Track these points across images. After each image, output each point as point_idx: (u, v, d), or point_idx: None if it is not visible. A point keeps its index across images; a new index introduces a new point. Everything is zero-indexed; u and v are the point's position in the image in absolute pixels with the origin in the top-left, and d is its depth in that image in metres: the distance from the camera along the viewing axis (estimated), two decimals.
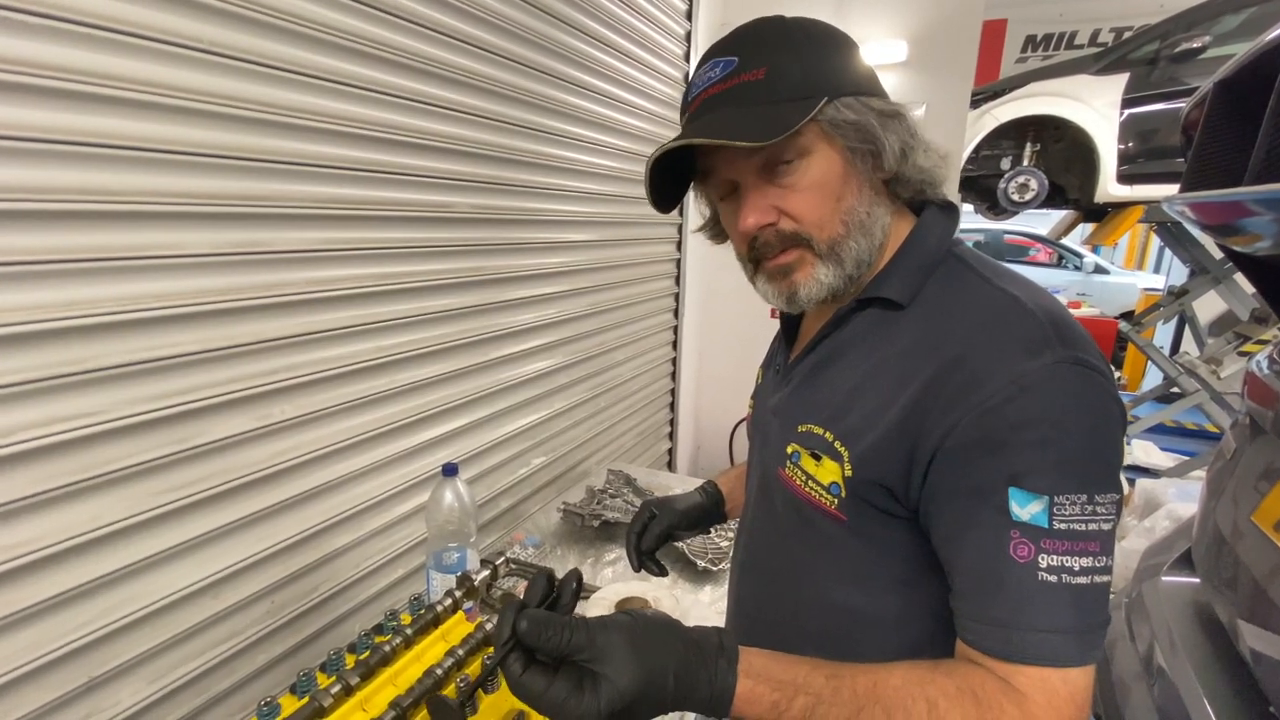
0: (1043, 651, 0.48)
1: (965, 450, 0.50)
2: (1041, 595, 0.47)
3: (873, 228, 0.60)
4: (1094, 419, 0.49)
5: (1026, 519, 0.48)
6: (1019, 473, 0.48)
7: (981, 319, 0.54)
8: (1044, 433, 0.48)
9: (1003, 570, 0.49)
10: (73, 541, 0.78)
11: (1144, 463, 4.07)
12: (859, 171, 0.58)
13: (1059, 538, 0.47)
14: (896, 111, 0.58)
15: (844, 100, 0.56)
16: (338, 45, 1.02)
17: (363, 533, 1.20)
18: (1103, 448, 0.49)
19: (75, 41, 0.72)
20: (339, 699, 0.73)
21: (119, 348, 0.80)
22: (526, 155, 1.51)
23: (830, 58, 0.57)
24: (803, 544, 0.65)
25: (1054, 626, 0.47)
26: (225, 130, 0.88)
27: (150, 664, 0.88)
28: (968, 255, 0.60)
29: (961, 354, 0.52)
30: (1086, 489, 0.48)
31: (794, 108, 0.54)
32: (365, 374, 1.16)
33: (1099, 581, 0.48)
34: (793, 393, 0.67)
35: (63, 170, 0.73)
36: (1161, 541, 1.36)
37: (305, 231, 1.01)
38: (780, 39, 0.57)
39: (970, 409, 0.50)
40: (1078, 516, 0.47)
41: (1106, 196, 3.64)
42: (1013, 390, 0.49)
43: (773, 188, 0.58)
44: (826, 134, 0.56)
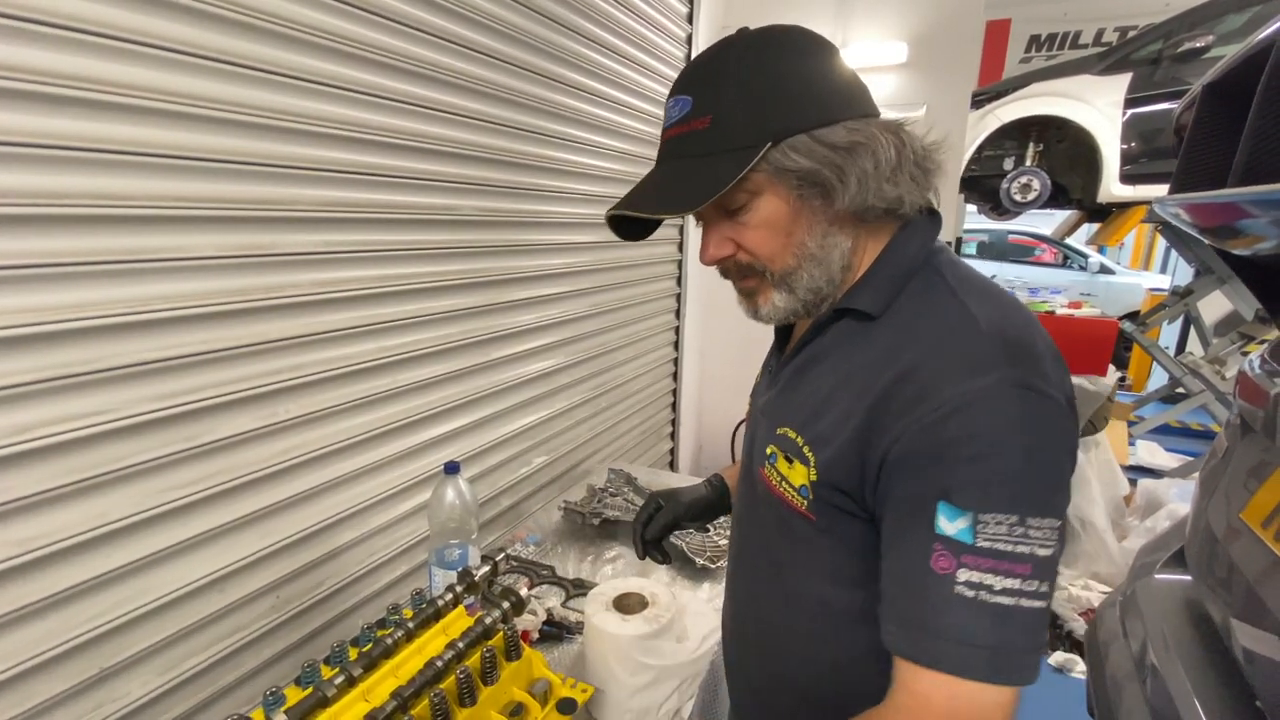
0: (949, 661, 0.49)
1: (906, 461, 0.52)
2: (956, 608, 0.48)
3: (827, 258, 0.61)
4: (1033, 442, 0.49)
5: (951, 533, 0.49)
6: (949, 487, 0.49)
7: (938, 334, 0.55)
8: (977, 450, 0.49)
9: (922, 579, 0.50)
10: (83, 537, 0.80)
11: (1148, 463, 4.06)
12: (811, 209, 0.59)
13: (981, 555, 0.48)
14: (854, 142, 0.56)
15: (793, 142, 0.56)
16: (343, 52, 1.04)
17: (366, 530, 1.22)
18: (1041, 472, 0.49)
19: (87, 50, 0.74)
20: (342, 689, 0.75)
21: (128, 348, 0.82)
22: (529, 158, 1.53)
23: (781, 94, 0.56)
24: (780, 539, 0.68)
25: (964, 639, 0.48)
26: (232, 136, 0.90)
27: (159, 656, 0.90)
28: (944, 265, 0.61)
29: (913, 367, 0.54)
30: (1017, 510, 0.48)
31: (731, 162, 0.56)
32: (369, 374, 1.18)
33: (1025, 605, 0.47)
34: (777, 395, 0.69)
35: (74, 175, 0.75)
36: (1156, 540, 1.37)
37: (310, 234, 1.04)
38: (730, 78, 0.57)
39: (914, 421, 0.52)
40: (1004, 536, 0.47)
41: (1109, 196, 3.64)
42: (953, 407, 0.50)
43: (730, 223, 0.62)
44: (773, 179, 0.58)
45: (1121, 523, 2.77)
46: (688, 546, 1.41)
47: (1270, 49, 0.84)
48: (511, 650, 0.88)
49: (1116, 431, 3.44)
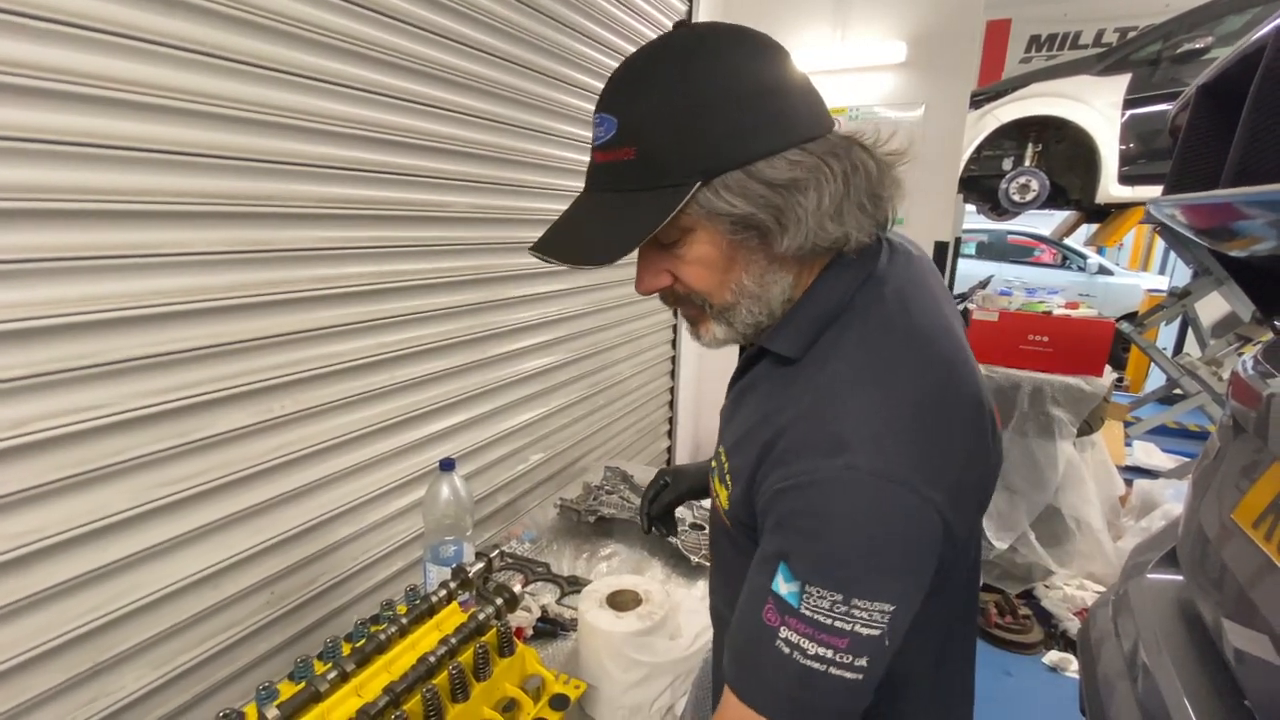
0: (754, 697, 0.52)
1: (765, 516, 0.54)
2: (773, 658, 0.50)
3: (766, 295, 0.58)
4: (873, 531, 0.49)
5: (783, 594, 0.50)
6: (788, 553, 0.51)
7: (815, 398, 0.54)
8: (813, 528, 0.50)
9: (754, 624, 0.52)
10: (78, 531, 0.80)
11: (1145, 464, 4.07)
12: (748, 248, 0.56)
13: (804, 622, 0.49)
14: (794, 180, 0.51)
15: (725, 180, 0.51)
16: (339, 48, 1.04)
17: (362, 526, 1.22)
18: (874, 560, 0.49)
19: (86, 47, 0.75)
20: (335, 685, 0.75)
21: (125, 343, 0.83)
22: (525, 156, 1.53)
23: (713, 121, 0.50)
24: (727, 547, 0.69)
25: (772, 685, 0.51)
26: (230, 132, 0.90)
27: (154, 650, 0.91)
28: (868, 307, 0.57)
29: (786, 428, 0.54)
30: (842, 591, 0.48)
31: (656, 203, 0.52)
32: (365, 370, 1.19)
33: (835, 674, 0.48)
34: (727, 409, 0.70)
35: (69, 170, 0.75)
36: (1149, 540, 1.37)
37: (307, 230, 1.04)
38: (656, 99, 0.51)
39: (772, 483, 0.53)
40: (825, 611, 0.48)
41: (1108, 197, 3.64)
42: (799, 481, 0.51)
43: (666, 255, 0.58)
44: (706, 219, 0.54)
45: (1117, 523, 2.78)
46: (682, 544, 1.42)
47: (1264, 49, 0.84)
48: (505, 646, 0.88)
49: (1113, 432, 3.45)
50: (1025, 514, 2.58)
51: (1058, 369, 2.57)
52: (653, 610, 0.98)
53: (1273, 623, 0.80)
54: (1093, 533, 2.54)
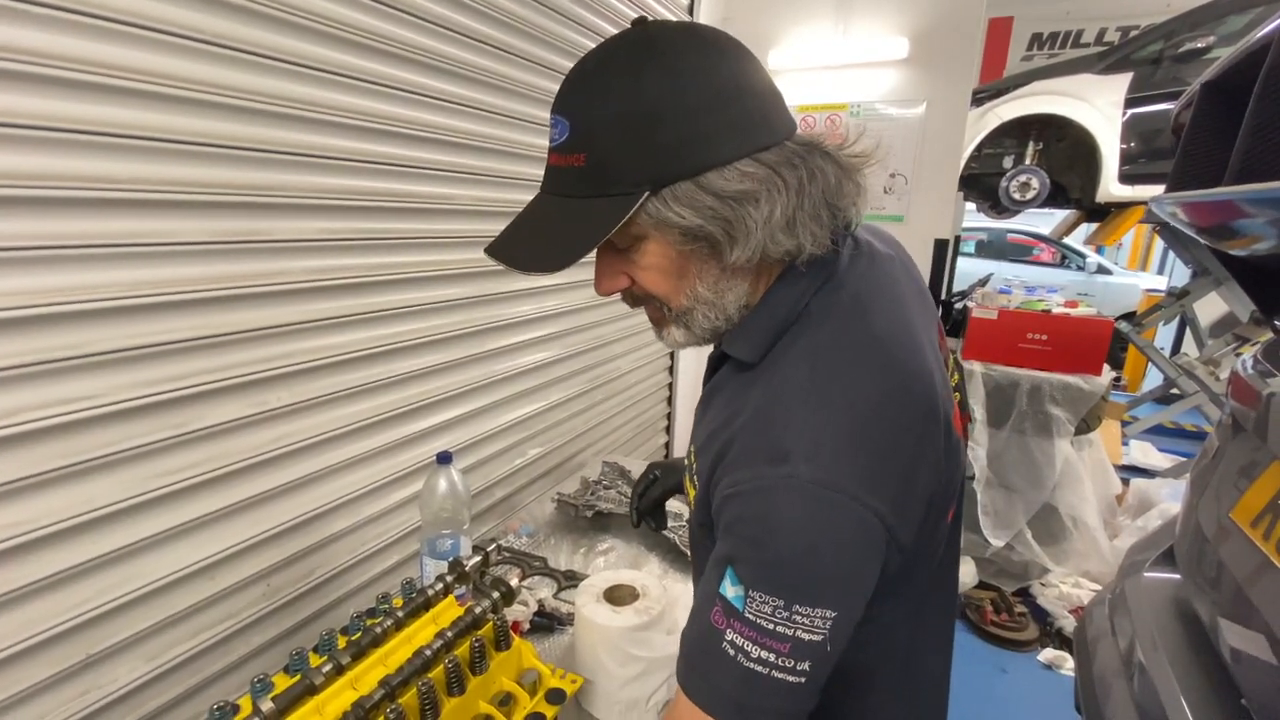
0: (700, 696, 0.53)
1: (717, 519, 0.55)
2: (719, 659, 0.51)
3: (720, 302, 0.58)
4: (814, 539, 0.49)
5: (729, 598, 0.51)
6: (735, 558, 0.51)
7: (765, 405, 0.54)
8: (754, 535, 0.51)
9: (703, 625, 0.53)
10: (69, 522, 0.79)
11: (1142, 463, 4.08)
12: (700, 257, 0.56)
13: (748, 625, 0.50)
14: (745, 191, 0.51)
15: (675, 190, 0.51)
16: (336, 37, 1.03)
17: (358, 519, 1.22)
18: (814, 568, 0.49)
19: (75, 31, 0.73)
20: (330, 678, 0.75)
21: (116, 333, 0.82)
22: (526, 149, 1.52)
23: (664, 129, 0.50)
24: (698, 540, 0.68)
25: (717, 685, 0.52)
26: (223, 120, 0.89)
27: (147, 643, 0.90)
28: (821, 313, 0.57)
29: (736, 434, 0.55)
30: (784, 596, 0.49)
31: (605, 211, 0.52)
32: (362, 362, 1.18)
33: (778, 678, 0.49)
34: (699, 408, 0.70)
35: (62, 157, 0.74)
36: (1146, 539, 1.37)
37: (303, 221, 1.03)
38: (609, 103, 0.51)
39: (724, 488, 0.54)
40: (768, 616, 0.49)
41: (1108, 196, 3.64)
42: (747, 488, 0.51)
43: (622, 258, 0.59)
44: (656, 227, 0.54)
45: (1113, 521, 2.79)
46: (680, 539, 1.41)
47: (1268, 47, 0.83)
48: (501, 640, 0.88)
49: (1110, 431, 3.45)
50: (1022, 512, 2.59)
51: (1056, 367, 2.57)
52: (650, 605, 0.98)
53: (1270, 622, 0.80)
54: (1089, 531, 2.54)
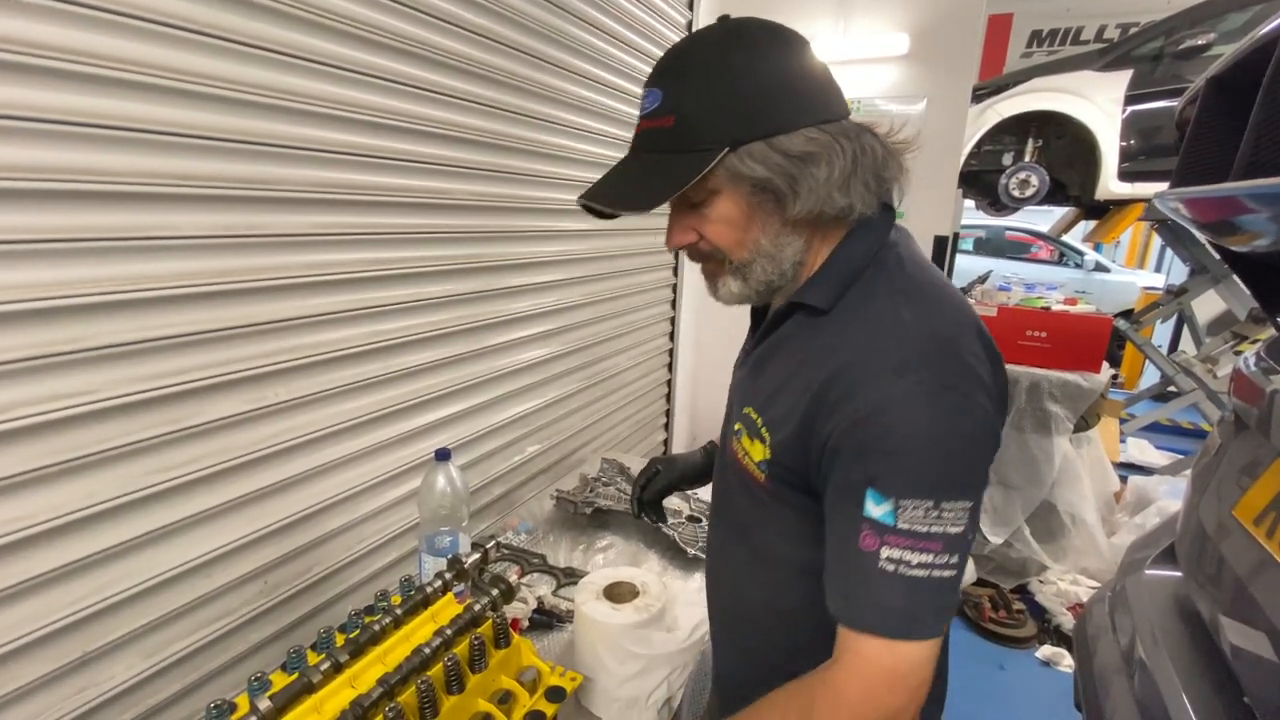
0: (870, 621, 0.56)
1: (840, 452, 0.58)
2: (878, 579, 0.55)
3: (779, 255, 0.65)
4: (945, 438, 0.55)
5: (876, 517, 0.55)
6: (875, 476, 0.55)
7: (868, 335, 0.60)
8: (895, 446, 0.55)
9: (851, 555, 0.57)
10: (67, 518, 0.79)
11: (1139, 460, 4.09)
12: (765, 211, 0.63)
13: (902, 535, 0.54)
14: (809, 152, 0.59)
15: (750, 149, 0.59)
16: (334, 29, 1.02)
17: (356, 515, 1.21)
18: (954, 463, 0.55)
19: (72, 22, 0.72)
20: (328, 675, 0.74)
21: (113, 327, 0.81)
22: (525, 143, 1.51)
23: (743, 99, 0.59)
24: (747, 504, 0.73)
25: (884, 604, 0.55)
26: (220, 113, 0.88)
27: (144, 640, 0.90)
28: (890, 263, 0.64)
29: (844, 367, 0.59)
30: (933, 496, 0.54)
31: (689, 164, 0.59)
32: (361, 358, 1.17)
33: (937, 576, 0.55)
34: (747, 376, 0.75)
35: (58, 150, 0.73)
36: (1147, 536, 1.37)
37: (301, 215, 1.02)
38: (697, 77, 0.60)
39: (844, 418, 0.57)
40: (920, 520, 0.54)
41: (1107, 194, 3.63)
42: (873, 408, 0.56)
43: (694, 214, 0.65)
44: (731, 181, 0.61)
45: (1111, 519, 2.79)
46: (679, 536, 1.41)
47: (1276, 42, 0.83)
48: (500, 638, 0.87)
49: (1108, 428, 3.46)
50: (1020, 509, 2.59)
51: (1055, 365, 2.57)
52: (649, 602, 0.98)
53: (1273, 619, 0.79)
54: (1087, 528, 2.55)
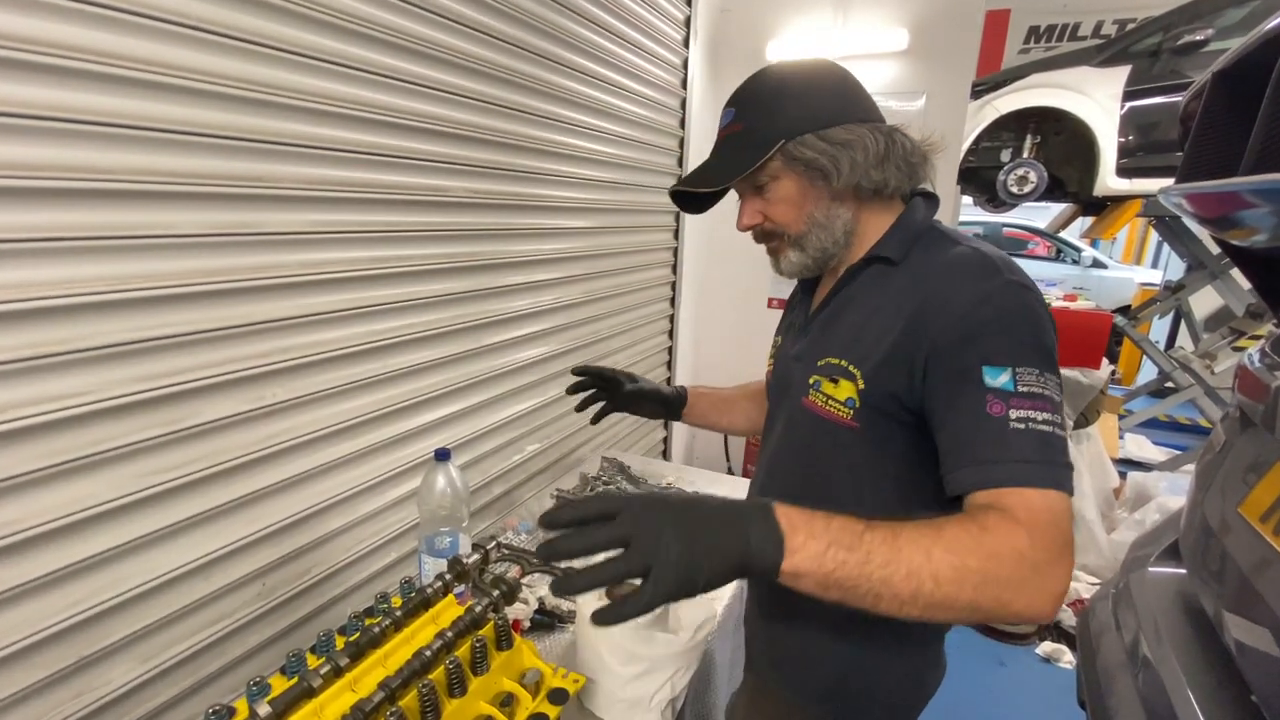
0: (1017, 476, 0.61)
1: (950, 346, 0.68)
2: (1014, 437, 0.62)
3: (830, 225, 0.80)
4: (1035, 319, 0.67)
5: (998, 385, 0.64)
6: (988, 354, 0.65)
7: (951, 264, 0.73)
8: (1003, 326, 0.66)
9: (983, 423, 0.64)
10: (62, 521, 0.78)
11: (1137, 456, 4.10)
12: (818, 188, 0.78)
13: (1023, 397, 0.63)
14: (848, 140, 0.75)
15: (802, 139, 0.75)
16: (332, 25, 1.00)
17: (355, 516, 1.20)
18: (1044, 339, 0.67)
19: (70, 18, 0.71)
20: (328, 679, 0.73)
21: (108, 327, 0.80)
22: (522, 140, 1.50)
23: (798, 107, 0.77)
24: (825, 453, 0.81)
25: (1025, 457, 0.61)
26: (217, 109, 0.87)
27: (141, 644, 0.88)
28: (943, 228, 0.81)
29: (934, 290, 0.71)
30: (1038, 365, 0.65)
31: (754, 154, 0.77)
32: (359, 358, 1.16)
33: (1057, 433, 0.63)
34: (813, 339, 0.85)
35: (54, 147, 0.72)
36: (1149, 533, 1.37)
37: (298, 214, 1.01)
38: (766, 95, 0.79)
39: (950, 317, 0.68)
40: (1035, 383, 0.64)
41: (1105, 190, 3.63)
42: (979, 299, 0.67)
43: (760, 199, 0.82)
44: (787, 166, 0.78)
45: (1111, 515, 2.79)
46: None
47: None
48: (502, 640, 0.87)
49: (1108, 424, 3.46)
50: None
51: None
52: None
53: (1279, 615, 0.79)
54: (1087, 525, 2.55)
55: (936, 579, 0.55)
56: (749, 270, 2.73)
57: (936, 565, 0.55)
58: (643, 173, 2.16)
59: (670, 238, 2.48)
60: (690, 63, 2.34)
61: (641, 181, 2.16)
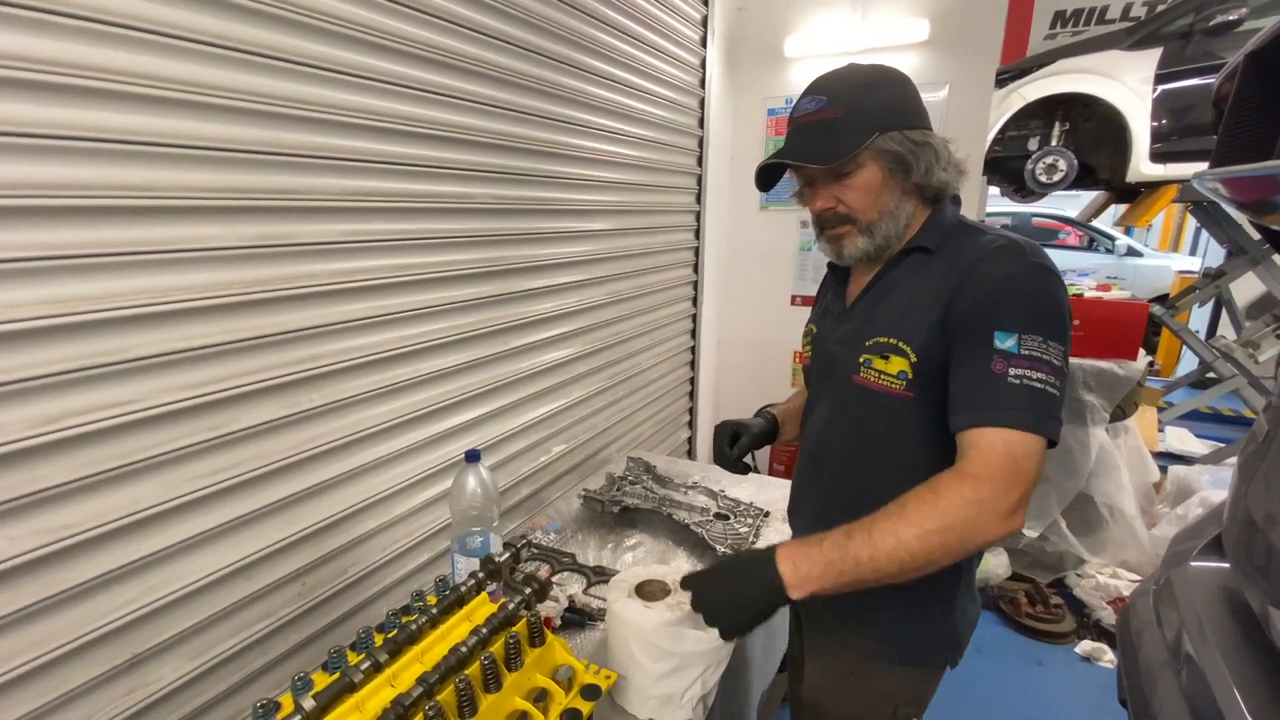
0: (1001, 418, 0.76)
1: (974, 314, 0.80)
2: (1010, 390, 0.76)
3: (899, 215, 0.89)
4: (1051, 297, 0.79)
5: (1005, 347, 0.77)
6: (1001, 321, 0.78)
7: (983, 249, 0.84)
8: (1019, 300, 0.78)
9: (984, 377, 0.78)
10: (113, 525, 0.81)
11: (1178, 450, 3.97)
12: (895, 180, 0.87)
13: (1023, 359, 0.76)
14: (926, 141, 0.86)
15: (890, 134, 0.84)
16: (360, 40, 1.03)
17: (390, 517, 1.23)
18: (1056, 314, 0.79)
19: (112, 42, 0.75)
20: (369, 675, 0.75)
21: (153, 338, 0.83)
22: (543, 145, 1.52)
23: (887, 104, 0.86)
24: (879, 425, 0.91)
25: (1010, 405, 0.76)
26: (251, 125, 0.90)
27: (189, 642, 0.92)
28: (971, 221, 0.92)
29: (970, 269, 0.82)
30: (1043, 334, 0.77)
31: (855, 140, 0.84)
32: (389, 363, 1.19)
33: (1050, 391, 0.76)
34: (857, 323, 0.95)
35: (98, 168, 0.76)
36: (1191, 528, 1.33)
37: (329, 224, 1.04)
38: (858, 88, 0.87)
39: (979, 291, 0.80)
40: (1036, 349, 0.77)
41: (1139, 176, 3.53)
42: (1005, 278, 0.80)
43: (835, 185, 0.89)
44: (875, 156, 0.86)
45: (1151, 510, 2.72)
46: (708, 534, 1.41)
47: None
48: (535, 636, 0.88)
49: (1146, 417, 3.36)
50: (1056, 501, 2.53)
51: (1089, 353, 2.51)
52: (681, 600, 0.97)
53: None
54: (1126, 520, 2.48)
55: (910, 551, 0.74)
56: (771, 268, 2.71)
57: (906, 541, 0.74)
58: (663, 173, 2.16)
59: (691, 237, 2.48)
60: (708, 62, 2.34)
61: (662, 182, 2.16)
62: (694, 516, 1.48)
